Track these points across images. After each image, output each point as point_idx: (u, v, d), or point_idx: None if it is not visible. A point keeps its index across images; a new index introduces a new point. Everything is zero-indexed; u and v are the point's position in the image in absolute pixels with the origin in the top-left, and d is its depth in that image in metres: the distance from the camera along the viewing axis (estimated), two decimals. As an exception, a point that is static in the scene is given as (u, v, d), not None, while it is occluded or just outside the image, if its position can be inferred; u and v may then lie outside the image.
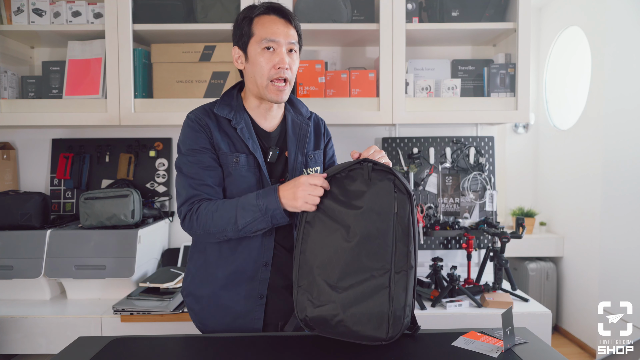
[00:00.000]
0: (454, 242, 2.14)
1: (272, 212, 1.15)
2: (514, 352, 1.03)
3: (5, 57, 2.04)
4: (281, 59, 1.22)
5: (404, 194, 1.06)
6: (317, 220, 1.11)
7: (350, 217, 1.07)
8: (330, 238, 1.08)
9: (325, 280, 1.07)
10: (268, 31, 1.22)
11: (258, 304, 1.27)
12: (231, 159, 1.25)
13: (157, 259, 2.09)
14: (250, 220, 1.16)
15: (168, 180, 2.19)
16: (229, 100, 1.31)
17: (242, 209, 1.17)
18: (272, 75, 1.23)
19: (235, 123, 1.26)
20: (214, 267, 1.28)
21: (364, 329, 1.04)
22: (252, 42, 1.24)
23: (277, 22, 1.23)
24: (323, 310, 1.07)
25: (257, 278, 1.27)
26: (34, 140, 2.21)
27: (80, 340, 1.14)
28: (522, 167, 3.74)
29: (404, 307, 1.05)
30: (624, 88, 2.92)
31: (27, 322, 1.70)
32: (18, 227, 1.87)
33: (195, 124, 1.26)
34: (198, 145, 1.24)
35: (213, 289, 1.28)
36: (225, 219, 1.17)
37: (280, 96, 1.25)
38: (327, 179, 1.11)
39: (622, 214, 2.93)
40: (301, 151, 1.32)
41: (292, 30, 1.25)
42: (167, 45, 1.98)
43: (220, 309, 1.28)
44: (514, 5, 1.95)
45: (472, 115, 1.96)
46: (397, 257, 1.05)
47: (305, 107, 1.40)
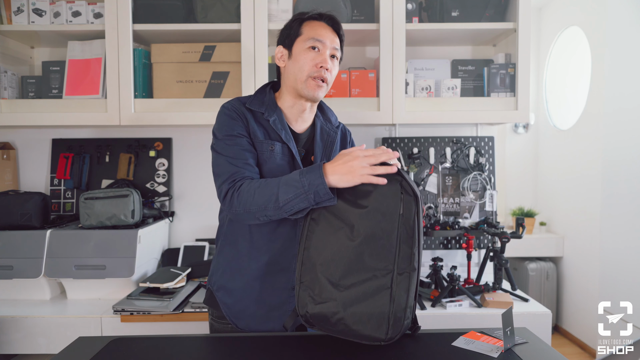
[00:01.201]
0: (454, 242, 2.14)
1: (315, 187, 1.10)
2: (514, 352, 1.03)
3: (5, 57, 2.04)
4: (324, 58, 1.26)
5: (410, 196, 1.06)
6: (322, 217, 1.11)
7: (355, 216, 1.07)
8: (335, 236, 1.08)
9: (328, 278, 1.07)
10: (316, 32, 1.27)
11: (292, 295, 1.28)
12: (267, 146, 1.26)
13: (157, 259, 2.09)
14: (292, 197, 1.12)
15: (168, 180, 2.19)
16: (261, 97, 1.33)
17: (285, 185, 1.13)
18: (313, 73, 1.25)
19: (268, 115, 1.28)
20: (246, 259, 1.29)
21: (363, 329, 1.04)
22: (299, 40, 1.28)
23: (325, 27, 1.29)
24: (324, 307, 1.07)
25: (291, 269, 1.28)
26: (34, 140, 2.21)
27: (80, 340, 1.14)
28: (522, 167, 3.74)
29: (405, 308, 1.05)
30: (623, 88, 2.93)
31: (27, 322, 1.70)
32: (18, 227, 1.87)
33: (232, 112, 1.26)
34: (235, 132, 1.24)
35: (246, 281, 1.29)
36: (267, 196, 1.13)
37: (317, 92, 1.27)
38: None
39: (622, 214, 2.93)
40: (327, 157, 1.33)
41: (338, 39, 1.31)
42: (167, 45, 1.98)
43: (254, 301, 1.28)
44: (514, 5, 1.95)
45: (472, 115, 1.96)
46: (400, 258, 1.05)
47: (334, 116, 1.43)
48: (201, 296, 1.76)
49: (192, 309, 1.71)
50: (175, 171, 2.22)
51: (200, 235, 2.20)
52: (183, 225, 2.22)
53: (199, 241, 2.16)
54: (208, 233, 2.20)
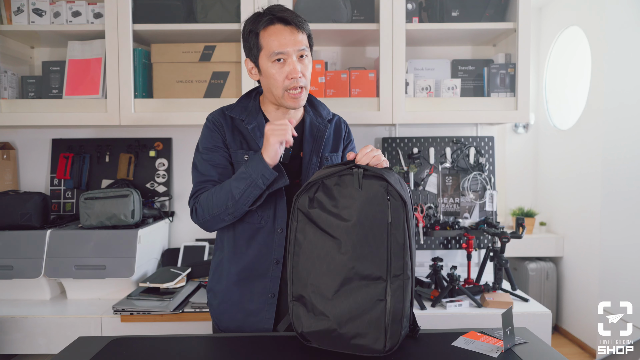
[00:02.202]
0: (454, 242, 2.14)
1: (260, 171, 1.17)
2: (514, 352, 1.03)
3: (5, 57, 2.04)
4: (293, 68, 1.23)
5: (397, 201, 1.01)
6: (307, 231, 1.06)
7: (341, 230, 1.02)
8: (323, 251, 1.04)
9: (320, 294, 1.04)
10: (275, 44, 1.22)
11: (269, 302, 1.28)
12: (241, 156, 1.29)
13: (157, 259, 2.09)
14: (244, 188, 1.18)
15: (168, 180, 2.19)
16: (245, 102, 1.35)
17: (235, 180, 1.20)
18: (287, 86, 1.24)
19: (247, 123, 1.30)
20: (228, 263, 1.31)
21: (361, 342, 1.01)
22: (262, 55, 1.25)
23: (283, 31, 1.22)
24: (320, 325, 1.04)
25: (268, 275, 1.28)
26: (34, 140, 2.21)
27: (80, 340, 1.14)
28: (522, 167, 3.74)
29: (401, 319, 1.02)
30: (623, 88, 2.93)
31: (27, 322, 1.70)
32: (18, 227, 1.87)
33: (211, 123, 1.32)
34: (211, 144, 1.30)
35: (227, 285, 1.31)
36: (223, 196, 1.21)
37: (297, 103, 1.27)
38: (315, 185, 1.07)
39: (622, 213, 2.93)
40: (316, 153, 1.32)
41: (301, 35, 1.24)
42: (167, 45, 1.98)
43: (233, 306, 1.30)
44: (514, 5, 1.95)
45: (472, 115, 1.96)
46: (392, 268, 1.01)
47: (326, 109, 1.41)
48: (201, 296, 1.77)
49: (192, 309, 1.71)
50: (175, 171, 2.22)
51: (200, 235, 2.20)
52: (183, 225, 2.22)
53: (199, 241, 2.16)
54: (208, 233, 2.20)
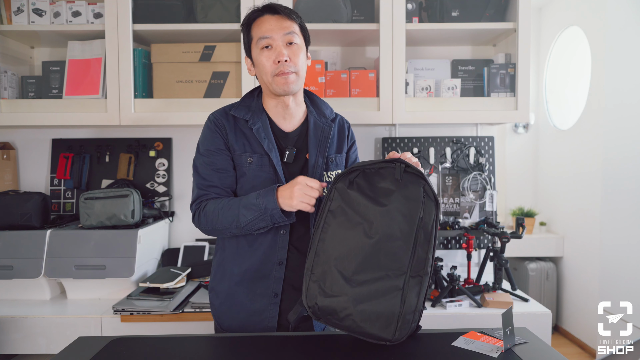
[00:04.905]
0: (454, 242, 2.14)
1: (270, 211, 1.18)
2: (514, 352, 1.03)
3: (5, 57, 2.04)
4: (278, 52, 1.23)
5: (432, 201, 1.06)
6: (340, 210, 1.09)
7: (375, 213, 1.06)
8: (352, 231, 1.07)
9: (341, 272, 1.06)
10: (262, 29, 1.24)
11: (272, 302, 1.28)
12: (244, 159, 1.28)
13: (157, 259, 2.09)
14: (251, 219, 1.20)
15: (168, 180, 2.19)
16: (248, 102, 1.34)
17: (244, 208, 1.20)
18: (274, 71, 1.24)
19: (252, 123, 1.29)
20: (230, 264, 1.31)
21: (371, 327, 1.04)
22: (253, 45, 1.27)
23: (269, 19, 1.25)
24: (334, 301, 1.06)
25: (271, 276, 1.28)
26: (34, 140, 2.21)
27: (80, 340, 1.14)
28: (522, 167, 3.74)
29: (414, 311, 1.05)
30: (623, 88, 2.92)
31: (27, 322, 1.70)
32: (18, 227, 1.87)
33: (213, 124, 1.30)
34: (213, 147, 1.29)
35: (229, 285, 1.31)
36: (229, 218, 1.22)
37: (288, 86, 1.25)
38: (356, 171, 1.09)
39: (622, 213, 2.93)
40: (322, 154, 1.32)
41: (288, 22, 1.25)
42: (167, 45, 1.98)
43: (235, 306, 1.30)
44: (514, 5, 1.95)
45: (472, 115, 1.96)
46: (415, 261, 1.05)
47: (329, 109, 1.40)
48: (201, 296, 1.77)
49: (192, 309, 1.71)
50: (175, 171, 2.22)
51: (200, 236, 2.20)
52: (183, 225, 2.22)
53: (199, 241, 2.16)
54: (208, 233, 2.20)
